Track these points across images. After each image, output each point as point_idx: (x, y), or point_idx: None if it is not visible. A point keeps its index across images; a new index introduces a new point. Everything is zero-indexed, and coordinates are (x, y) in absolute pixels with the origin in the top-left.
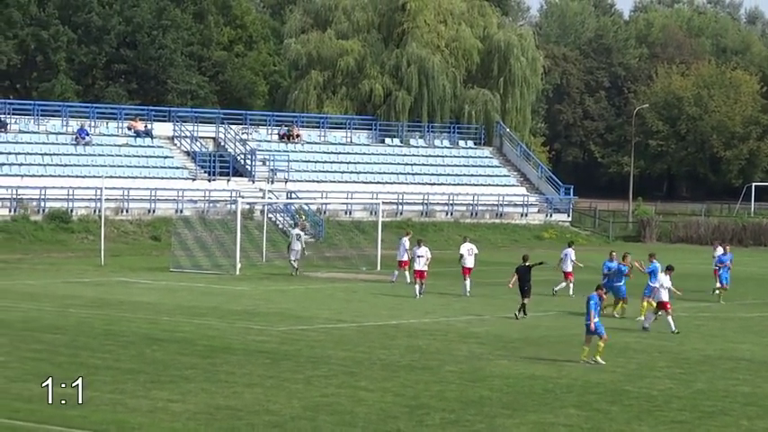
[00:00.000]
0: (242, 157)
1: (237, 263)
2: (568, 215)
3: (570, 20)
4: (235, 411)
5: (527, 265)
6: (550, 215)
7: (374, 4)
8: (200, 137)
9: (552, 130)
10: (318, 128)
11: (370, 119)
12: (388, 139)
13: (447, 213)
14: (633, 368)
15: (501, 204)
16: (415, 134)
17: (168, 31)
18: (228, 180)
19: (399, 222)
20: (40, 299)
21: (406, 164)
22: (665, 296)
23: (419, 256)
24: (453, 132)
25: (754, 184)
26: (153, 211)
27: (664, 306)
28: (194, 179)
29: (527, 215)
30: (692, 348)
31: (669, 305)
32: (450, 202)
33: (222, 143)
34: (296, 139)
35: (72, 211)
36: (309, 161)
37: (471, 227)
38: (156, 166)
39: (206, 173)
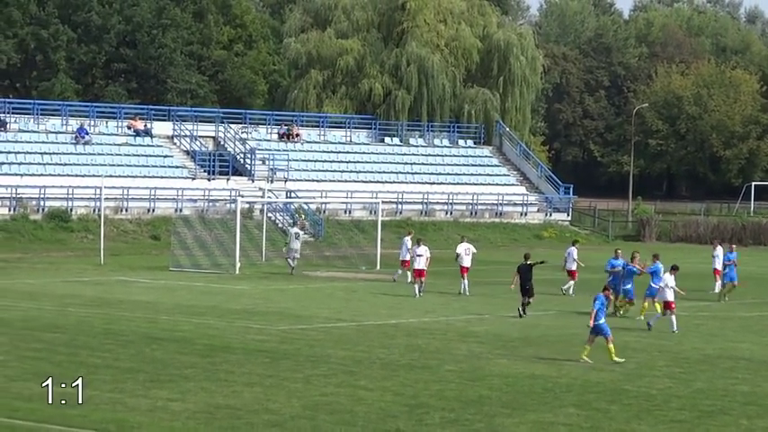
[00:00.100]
0: (241, 156)
1: (237, 262)
2: (568, 214)
3: (570, 19)
4: (234, 410)
5: (528, 263)
6: (550, 214)
7: (374, 3)
8: (199, 136)
9: (552, 129)
10: (318, 127)
11: (369, 118)
12: (387, 139)
13: (446, 213)
14: (632, 367)
15: (500, 204)
16: (414, 133)
17: (168, 30)
18: (228, 179)
19: (399, 222)
20: (40, 298)
21: (406, 163)
22: (669, 296)
23: (419, 256)
24: (453, 132)
25: (753, 183)
26: (152, 211)
27: (668, 306)
28: (194, 178)
29: (526, 214)
30: (691, 348)
31: (674, 305)
32: (450, 201)
33: (222, 142)
34: (295, 139)
35: (71, 210)
36: (309, 160)
37: (471, 226)
38: (156, 166)
39: (205, 172)
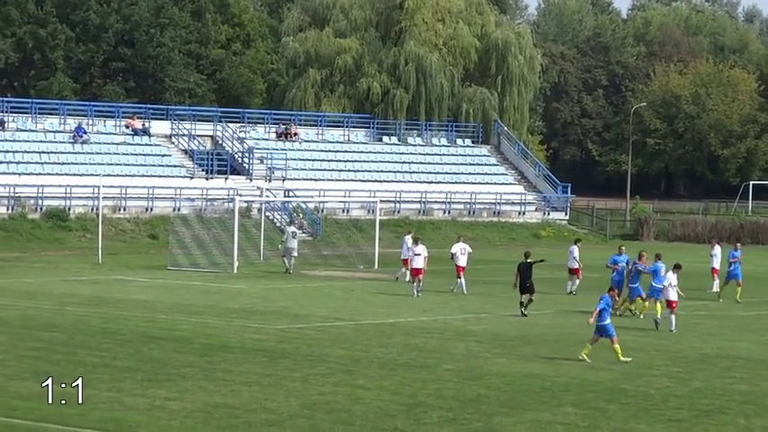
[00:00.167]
0: (239, 155)
1: (235, 261)
2: (566, 213)
3: (568, 18)
4: (232, 410)
5: (529, 261)
6: (548, 213)
7: (372, 2)
8: (197, 135)
9: (550, 128)
10: (316, 126)
11: (367, 117)
12: (385, 138)
13: (445, 212)
14: (631, 366)
15: (498, 203)
16: (412, 132)
17: (166, 29)
18: (226, 178)
19: (397, 221)
20: (38, 297)
21: (404, 162)
22: (672, 295)
23: (417, 255)
24: (451, 131)
25: (751, 182)
26: (150, 210)
27: (670, 305)
28: (192, 177)
29: (524, 213)
30: (689, 347)
31: (675, 304)
32: (448, 200)
33: (220, 141)
34: (293, 138)
35: (69, 209)
36: (307, 159)
37: (469, 225)
38: (154, 165)
39: (203, 171)
